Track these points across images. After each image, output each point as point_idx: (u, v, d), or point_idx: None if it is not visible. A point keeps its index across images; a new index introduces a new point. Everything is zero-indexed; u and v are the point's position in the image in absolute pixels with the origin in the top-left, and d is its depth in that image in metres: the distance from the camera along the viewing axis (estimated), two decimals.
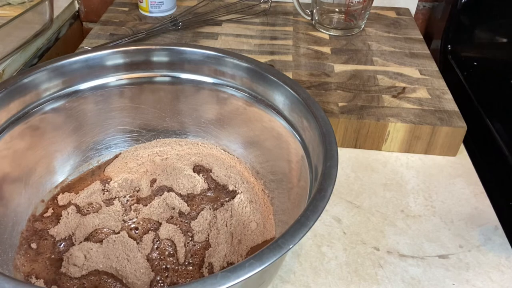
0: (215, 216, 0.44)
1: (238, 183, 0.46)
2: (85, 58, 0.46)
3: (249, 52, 0.67)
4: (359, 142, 0.56)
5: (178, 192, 0.46)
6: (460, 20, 0.74)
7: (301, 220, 0.30)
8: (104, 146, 0.50)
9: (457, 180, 0.52)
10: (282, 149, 0.45)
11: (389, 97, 0.58)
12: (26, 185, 0.44)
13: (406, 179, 0.52)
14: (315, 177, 0.36)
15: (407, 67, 0.65)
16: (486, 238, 0.46)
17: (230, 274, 0.27)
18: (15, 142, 0.43)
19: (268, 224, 0.43)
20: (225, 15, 0.76)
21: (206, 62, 0.48)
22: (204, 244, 0.42)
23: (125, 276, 0.39)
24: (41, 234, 0.42)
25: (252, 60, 0.46)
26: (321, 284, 0.41)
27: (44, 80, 0.44)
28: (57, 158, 0.47)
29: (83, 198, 0.45)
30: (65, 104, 0.46)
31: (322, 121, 0.39)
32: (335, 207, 0.48)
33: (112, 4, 0.80)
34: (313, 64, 0.65)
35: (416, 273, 0.42)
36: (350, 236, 0.45)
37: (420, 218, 0.47)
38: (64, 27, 0.80)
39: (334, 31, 0.72)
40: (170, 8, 0.76)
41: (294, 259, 0.43)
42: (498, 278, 0.42)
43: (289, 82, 0.43)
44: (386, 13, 0.79)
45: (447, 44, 0.75)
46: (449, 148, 0.55)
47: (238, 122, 0.49)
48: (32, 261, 0.40)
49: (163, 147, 0.51)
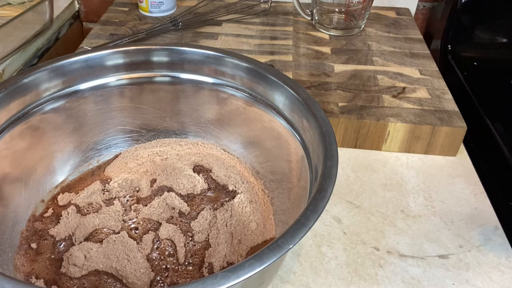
0: (215, 216, 0.44)
1: (238, 183, 0.46)
2: (85, 58, 0.46)
3: (249, 52, 0.67)
4: (359, 142, 0.56)
5: (178, 192, 0.46)
6: (460, 20, 0.74)
7: (301, 220, 0.30)
8: (104, 146, 0.50)
9: (457, 180, 0.52)
10: (282, 149, 0.45)
11: (389, 97, 0.58)
12: (26, 185, 0.44)
13: (406, 179, 0.52)
14: (315, 177, 0.36)
15: (407, 67, 0.65)
16: (486, 238, 0.46)
17: (230, 274, 0.27)
18: (15, 142, 0.43)
19: (268, 224, 0.43)
20: (225, 15, 0.76)
21: (206, 62, 0.48)
22: (204, 244, 0.42)
23: (125, 276, 0.39)
24: (41, 234, 0.42)
25: (252, 60, 0.46)
26: (321, 284, 0.41)
27: (44, 80, 0.44)
28: (57, 158, 0.47)
29: (83, 198, 0.45)
30: (65, 104, 0.46)
31: (322, 121, 0.39)
32: (335, 207, 0.48)
33: (112, 4, 0.80)
34: (313, 64, 0.65)
35: (416, 273, 0.42)
36: (350, 236, 0.45)
37: (420, 218, 0.47)
38: (64, 27, 0.80)
39: (334, 31, 0.72)
40: (170, 8, 0.76)
41: (294, 259, 0.43)
42: (498, 278, 0.42)
43: (289, 82, 0.43)
44: (386, 13, 0.79)
45: (447, 44, 0.75)
46: (449, 148, 0.55)
47: (238, 122, 0.49)
48: (32, 261, 0.40)
49: (163, 147, 0.51)
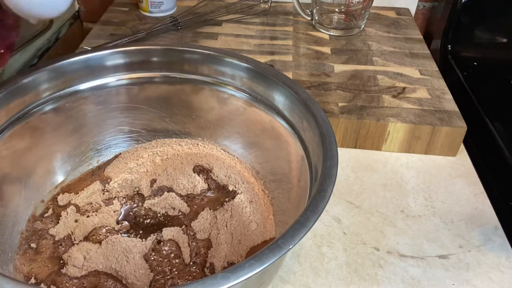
0: (215, 217, 0.44)
1: (238, 183, 0.46)
2: (85, 58, 0.46)
3: (249, 52, 0.67)
4: (359, 142, 0.56)
5: (178, 192, 0.46)
6: (460, 20, 0.74)
7: (301, 220, 0.30)
8: (104, 146, 0.50)
9: (457, 180, 0.52)
10: (282, 149, 0.45)
11: (389, 97, 0.58)
12: (26, 185, 0.44)
13: (406, 179, 0.52)
14: (315, 177, 0.36)
15: (407, 67, 0.64)
16: (486, 238, 0.46)
17: (229, 274, 0.27)
18: (15, 142, 0.43)
19: (268, 224, 0.43)
20: (225, 15, 0.76)
21: (206, 62, 0.48)
22: (206, 242, 0.42)
23: (124, 277, 0.39)
24: (41, 233, 0.42)
25: (252, 60, 0.46)
26: (321, 284, 0.41)
27: (44, 80, 0.44)
28: (57, 158, 0.47)
29: (83, 198, 0.45)
30: (65, 104, 0.46)
31: (322, 121, 0.39)
32: (335, 207, 0.48)
33: (112, 4, 0.80)
34: (313, 64, 0.65)
35: (416, 273, 0.42)
36: (350, 236, 0.45)
37: (420, 218, 0.47)
38: (64, 27, 0.80)
39: (334, 31, 0.72)
40: (170, 8, 0.76)
41: (294, 259, 0.43)
42: (498, 278, 0.42)
43: (289, 82, 0.43)
44: (386, 13, 0.79)
45: (447, 44, 0.75)
46: (449, 148, 0.55)
47: (238, 122, 0.49)
48: (31, 261, 0.40)
49: (163, 147, 0.51)
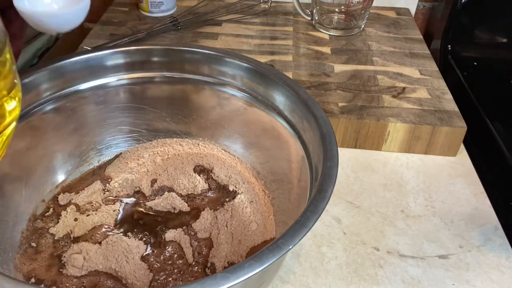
0: (215, 217, 0.44)
1: (238, 184, 0.46)
2: (85, 58, 0.46)
3: (249, 52, 0.67)
4: (359, 142, 0.56)
5: (179, 192, 0.46)
6: (460, 20, 0.74)
7: (301, 220, 0.30)
8: (105, 146, 0.50)
9: (457, 180, 0.52)
10: (283, 149, 0.45)
11: (389, 97, 0.58)
12: (27, 185, 0.44)
13: (406, 179, 0.52)
14: (315, 177, 0.36)
15: (407, 67, 0.65)
16: (486, 238, 0.46)
17: (229, 274, 0.27)
18: (15, 142, 0.43)
19: (269, 225, 0.43)
20: (225, 15, 0.76)
21: (206, 62, 0.48)
22: (207, 242, 0.42)
23: (124, 277, 0.39)
24: (41, 233, 0.42)
25: (252, 60, 0.46)
26: (321, 284, 0.41)
27: (45, 80, 0.44)
28: (58, 158, 0.47)
29: (83, 197, 0.45)
30: (65, 104, 0.46)
31: (323, 122, 0.39)
32: (335, 207, 0.48)
33: (112, 4, 0.80)
34: (313, 64, 0.65)
35: (416, 273, 0.42)
36: (350, 236, 0.45)
37: (420, 218, 0.47)
38: None
39: (334, 31, 0.72)
40: (170, 8, 0.76)
41: (294, 260, 0.43)
42: (498, 278, 0.42)
43: (290, 83, 0.43)
44: (386, 13, 0.79)
45: (447, 44, 0.75)
46: (449, 148, 0.55)
47: (238, 122, 0.49)
48: (32, 261, 0.40)
49: (163, 147, 0.51)
